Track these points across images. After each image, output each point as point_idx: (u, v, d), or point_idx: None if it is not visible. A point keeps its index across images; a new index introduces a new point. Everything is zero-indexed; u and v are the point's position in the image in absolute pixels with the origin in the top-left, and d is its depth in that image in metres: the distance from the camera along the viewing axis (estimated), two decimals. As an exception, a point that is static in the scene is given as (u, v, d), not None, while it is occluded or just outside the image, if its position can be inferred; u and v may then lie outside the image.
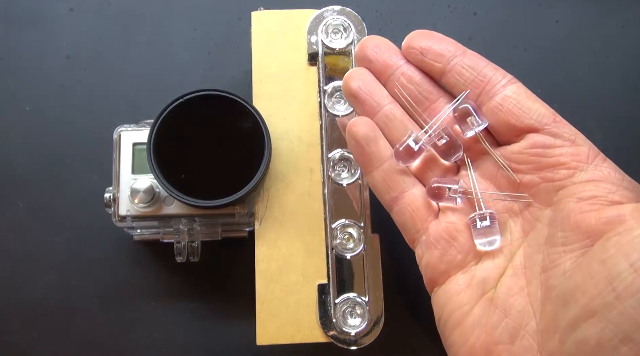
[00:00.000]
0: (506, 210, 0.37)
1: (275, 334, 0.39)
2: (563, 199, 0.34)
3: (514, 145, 0.36)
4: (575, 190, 0.33)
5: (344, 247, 0.40)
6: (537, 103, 0.36)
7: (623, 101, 0.51)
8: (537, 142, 0.35)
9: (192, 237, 0.42)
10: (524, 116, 0.35)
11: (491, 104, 0.36)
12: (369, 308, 0.39)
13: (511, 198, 0.36)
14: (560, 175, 0.34)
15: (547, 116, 0.35)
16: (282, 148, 0.42)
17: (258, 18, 0.44)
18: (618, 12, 0.53)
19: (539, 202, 0.35)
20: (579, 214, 0.33)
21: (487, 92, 0.36)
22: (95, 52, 0.50)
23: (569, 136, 0.35)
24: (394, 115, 0.38)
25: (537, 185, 0.35)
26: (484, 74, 0.37)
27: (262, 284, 0.40)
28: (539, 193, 0.35)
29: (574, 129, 0.35)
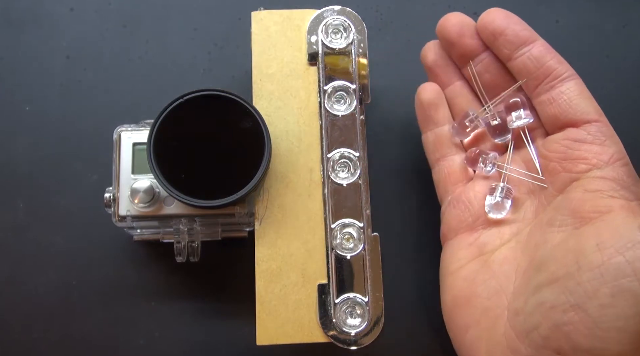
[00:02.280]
0: (529, 191, 0.41)
1: (275, 334, 0.39)
2: (573, 189, 0.37)
3: (554, 135, 0.39)
4: (585, 183, 0.37)
5: (344, 247, 0.40)
6: (587, 101, 0.39)
7: (623, 101, 0.51)
8: (571, 135, 0.38)
9: (192, 237, 0.42)
10: (569, 111, 0.39)
11: (545, 97, 0.39)
12: (369, 308, 0.39)
13: (530, 179, 0.40)
14: (579, 169, 0.37)
15: (590, 114, 0.38)
16: (282, 148, 0.42)
17: (258, 18, 0.44)
18: (618, 12, 0.53)
19: (555, 188, 0.39)
20: (579, 202, 0.37)
21: (545, 84, 0.40)
22: (95, 52, 0.50)
23: (602, 136, 0.38)
24: (462, 92, 0.44)
25: (557, 173, 0.38)
26: (547, 66, 0.40)
27: (262, 284, 0.40)
28: (556, 181, 0.39)
29: (611, 131, 0.38)
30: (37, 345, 0.45)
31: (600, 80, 0.51)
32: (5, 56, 0.49)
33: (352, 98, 0.42)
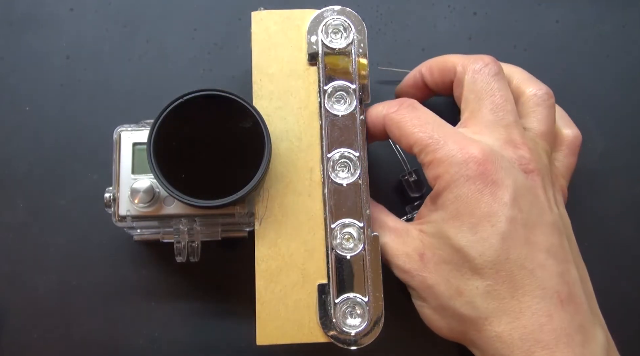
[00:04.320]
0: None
1: (275, 334, 0.39)
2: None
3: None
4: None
5: (344, 247, 0.40)
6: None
7: (623, 101, 0.51)
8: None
9: (192, 237, 0.42)
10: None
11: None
12: (369, 308, 0.39)
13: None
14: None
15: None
16: (282, 148, 0.42)
17: (258, 18, 0.44)
18: (618, 12, 0.53)
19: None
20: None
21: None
22: (95, 52, 0.50)
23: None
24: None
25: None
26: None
27: (262, 284, 0.40)
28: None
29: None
30: (37, 345, 0.45)
31: (600, 80, 0.51)
32: (5, 56, 0.49)
33: (352, 98, 0.42)
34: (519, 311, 0.36)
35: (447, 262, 0.38)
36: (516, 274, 0.36)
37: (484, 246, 0.37)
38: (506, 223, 0.37)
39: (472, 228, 0.37)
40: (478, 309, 0.37)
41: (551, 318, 0.36)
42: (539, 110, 0.42)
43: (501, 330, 0.36)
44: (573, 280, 0.37)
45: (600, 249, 0.48)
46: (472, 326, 0.38)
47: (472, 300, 0.37)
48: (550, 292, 0.36)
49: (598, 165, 0.50)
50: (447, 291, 0.38)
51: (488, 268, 0.37)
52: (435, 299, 0.39)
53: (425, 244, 0.39)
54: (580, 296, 0.37)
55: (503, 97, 0.40)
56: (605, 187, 0.50)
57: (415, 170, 0.47)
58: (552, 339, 0.35)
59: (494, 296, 0.37)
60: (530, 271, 0.36)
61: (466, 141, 0.39)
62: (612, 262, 0.48)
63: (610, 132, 0.51)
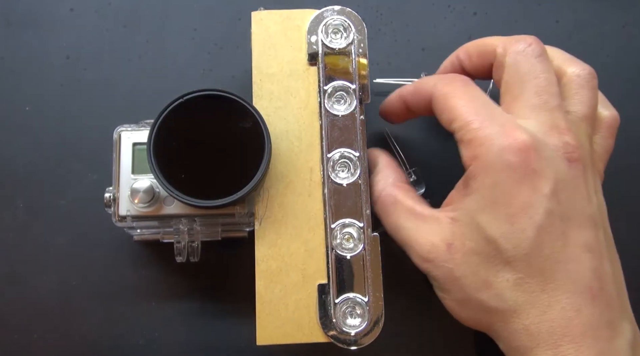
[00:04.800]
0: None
1: (275, 334, 0.39)
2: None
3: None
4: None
5: (344, 247, 0.40)
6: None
7: (623, 101, 0.51)
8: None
9: (192, 237, 0.42)
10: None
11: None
12: (369, 308, 0.39)
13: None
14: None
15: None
16: (282, 148, 0.42)
17: (258, 18, 0.44)
18: (618, 12, 0.53)
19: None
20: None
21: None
22: (95, 52, 0.50)
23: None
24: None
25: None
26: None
27: (262, 284, 0.40)
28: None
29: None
30: (37, 345, 0.45)
31: (600, 80, 0.51)
32: (5, 56, 0.49)
33: (352, 98, 0.42)
34: (548, 304, 0.36)
35: (477, 253, 0.37)
36: (549, 268, 0.36)
37: (519, 238, 0.36)
38: (544, 216, 0.36)
39: (508, 218, 0.36)
40: (507, 301, 0.36)
41: (580, 313, 0.35)
42: (582, 91, 0.41)
43: (529, 322, 0.36)
44: (606, 275, 0.37)
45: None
46: (498, 318, 0.37)
47: (501, 293, 0.37)
48: (581, 287, 0.36)
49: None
50: (474, 284, 0.37)
51: (521, 260, 0.36)
52: (461, 291, 0.38)
53: (456, 233, 0.38)
54: (612, 292, 0.37)
55: (547, 79, 0.39)
56: (605, 187, 0.50)
57: (414, 170, 0.47)
58: (579, 333, 0.35)
59: (524, 289, 0.36)
60: (564, 266, 0.36)
61: (512, 125, 0.37)
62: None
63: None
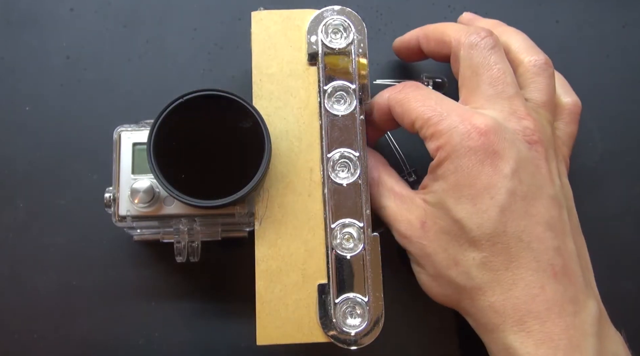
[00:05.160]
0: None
1: (275, 334, 0.39)
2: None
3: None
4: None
5: (344, 247, 0.40)
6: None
7: (623, 101, 0.51)
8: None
9: (192, 237, 0.42)
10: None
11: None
12: (369, 308, 0.39)
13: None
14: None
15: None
16: (282, 148, 0.42)
17: (258, 18, 0.44)
18: (618, 12, 0.53)
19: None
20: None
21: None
22: (95, 52, 0.50)
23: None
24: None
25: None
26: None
27: (262, 284, 0.40)
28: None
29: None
30: (37, 345, 0.45)
31: (600, 80, 0.51)
32: (5, 56, 0.49)
33: (352, 98, 0.42)
34: (512, 282, 0.37)
35: (446, 232, 0.39)
36: (512, 247, 0.37)
37: (482, 218, 0.37)
38: (506, 196, 0.37)
39: (471, 199, 0.37)
40: (473, 279, 0.38)
41: (544, 290, 0.36)
42: (538, 79, 0.42)
43: (494, 300, 0.37)
44: (569, 253, 0.38)
45: (600, 249, 0.48)
46: (466, 295, 0.38)
47: (468, 271, 0.38)
48: (544, 265, 0.37)
49: (598, 165, 0.50)
50: (445, 261, 0.39)
51: (485, 240, 0.37)
52: (433, 267, 0.40)
53: (427, 213, 0.40)
54: (575, 269, 0.38)
55: (501, 70, 0.40)
56: (605, 187, 0.50)
57: (414, 170, 0.47)
58: (544, 309, 0.36)
59: (489, 267, 0.37)
60: (527, 244, 0.37)
61: (469, 113, 0.39)
62: (612, 261, 0.48)
63: (610, 132, 0.51)
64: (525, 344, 0.36)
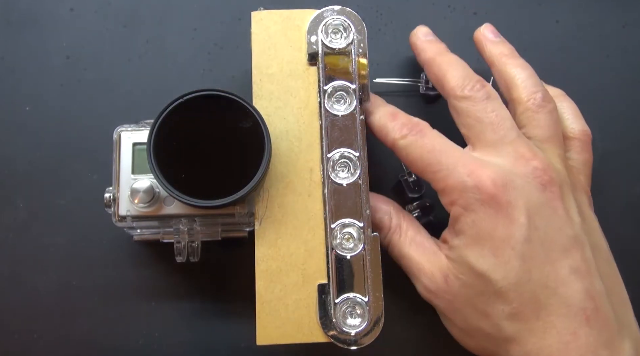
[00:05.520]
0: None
1: (275, 334, 0.39)
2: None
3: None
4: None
5: (344, 247, 0.40)
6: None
7: (623, 101, 0.51)
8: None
9: (192, 237, 0.42)
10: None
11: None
12: (369, 308, 0.39)
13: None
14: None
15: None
16: (282, 148, 0.42)
17: (258, 18, 0.44)
18: (618, 12, 0.53)
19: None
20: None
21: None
22: (95, 52, 0.50)
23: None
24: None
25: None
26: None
27: (262, 284, 0.40)
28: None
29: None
30: (37, 345, 0.45)
31: (600, 80, 0.51)
32: (5, 56, 0.49)
33: (352, 98, 0.42)
34: (544, 331, 0.36)
35: (470, 286, 0.39)
36: (539, 294, 0.37)
37: (505, 269, 0.37)
38: (525, 244, 0.37)
39: (492, 252, 0.37)
40: (505, 331, 0.37)
41: (576, 336, 0.36)
42: (538, 117, 0.42)
43: (528, 349, 0.37)
44: (599, 294, 0.37)
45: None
46: (501, 346, 0.38)
47: (498, 323, 0.38)
48: (574, 309, 0.36)
49: (598, 165, 0.50)
50: (474, 314, 0.39)
51: (512, 291, 0.37)
52: (463, 321, 0.40)
53: (450, 268, 0.40)
54: (607, 310, 0.37)
55: (499, 115, 0.40)
56: (605, 187, 0.50)
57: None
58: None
59: (519, 318, 0.37)
60: (554, 290, 0.37)
61: (475, 165, 0.39)
62: (612, 262, 0.48)
63: (610, 132, 0.51)
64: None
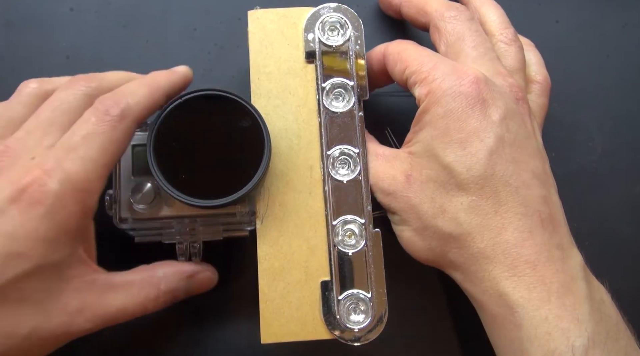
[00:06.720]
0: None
1: (280, 332, 0.39)
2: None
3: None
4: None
5: (345, 244, 0.40)
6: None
7: (623, 101, 0.51)
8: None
9: (194, 238, 0.42)
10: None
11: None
12: (372, 304, 0.39)
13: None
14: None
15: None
16: (281, 146, 0.42)
17: (254, 17, 0.44)
18: (618, 12, 0.53)
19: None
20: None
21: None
22: (95, 52, 0.50)
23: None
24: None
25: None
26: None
27: (265, 283, 0.40)
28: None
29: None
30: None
31: (600, 80, 0.52)
32: (5, 56, 0.49)
33: (350, 95, 0.42)
34: (502, 226, 0.37)
35: (433, 179, 0.39)
36: (501, 190, 0.38)
37: (471, 160, 0.38)
38: (494, 140, 0.38)
39: (460, 143, 0.38)
40: (461, 225, 0.38)
41: (532, 235, 0.37)
42: (510, 49, 0.44)
43: (484, 245, 0.37)
44: (554, 203, 0.39)
45: (600, 249, 0.48)
46: (454, 244, 0.39)
47: (456, 216, 0.38)
48: (531, 210, 0.37)
49: (598, 165, 0.50)
50: (431, 210, 0.39)
51: (473, 183, 0.38)
52: (418, 219, 0.40)
53: (413, 165, 0.40)
54: (560, 219, 0.39)
55: (481, 36, 0.42)
56: (605, 187, 0.50)
57: None
58: (534, 253, 0.37)
59: (477, 212, 0.38)
60: (515, 189, 0.38)
61: (461, 64, 0.40)
62: (612, 261, 0.48)
63: (610, 132, 0.51)
64: (518, 289, 0.36)
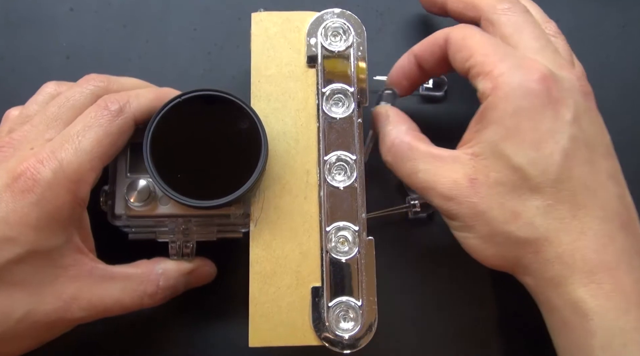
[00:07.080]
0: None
1: (268, 336, 0.39)
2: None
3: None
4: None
5: (338, 250, 0.40)
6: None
7: (623, 101, 0.51)
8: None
9: (188, 237, 0.42)
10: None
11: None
12: (362, 312, 0.39)
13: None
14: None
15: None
16: (278, 149, 0.42)
17: (258, 19, 0.44)
18: (618, 12, 0.53)
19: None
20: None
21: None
22: (95, 52, 0.50)
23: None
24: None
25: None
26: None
27: (255, 286, 0.40)
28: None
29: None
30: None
31: (600, 80, 0.51)
32: (5, 56, 0.50)
33: (350, 101, 0.42)
34: (581, 231, 0.35)
35: (502, 183, 0.37)
36: (578, 194, 0.36)
37: (546, 163, 0.36)
38: (569, 141, 0.36)
39: (533, 144, 0.36)
40: (537, 230, 0.36)
41: (612, 240, 0.35)
42: (558, 42, 0.42)
43: (562, 250, 0.35)
44: (631, 204, 0.37)
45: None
46: (529, 250, 0.36)
47: (531, 221, 0.36)
48: (611, 214, 0.36)
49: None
50: (501, 216, 0.37)
51: (549, 187, 0.36)
52: (486, 225, 0.37)
53: (478, 168, 0.37)
54: (637, 222, 0.37)
55: (540, 28, 0.40)
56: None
57: None
58: (614, 261, 0.35)
59: (555, 216, 0.36)
60: (593, 192, 0.36)
61: (530, 58, 0.38)
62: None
63: (611, 131, 0.50)
64: (597, 296, 0.34)
